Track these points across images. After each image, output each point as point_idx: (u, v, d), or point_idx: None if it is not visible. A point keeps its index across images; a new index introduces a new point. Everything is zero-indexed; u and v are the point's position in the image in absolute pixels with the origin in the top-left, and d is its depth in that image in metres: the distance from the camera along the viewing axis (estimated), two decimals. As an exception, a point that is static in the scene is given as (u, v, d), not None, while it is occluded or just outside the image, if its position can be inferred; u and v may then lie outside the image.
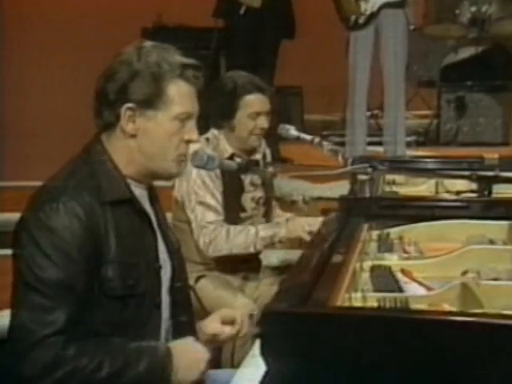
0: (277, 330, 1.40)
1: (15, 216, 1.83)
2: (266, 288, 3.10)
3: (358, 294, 1.75)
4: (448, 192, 2.93)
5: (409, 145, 5.35)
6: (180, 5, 6.10)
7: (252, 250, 2.98)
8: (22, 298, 1.71)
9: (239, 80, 3.06)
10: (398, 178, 3.37)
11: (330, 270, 1.78)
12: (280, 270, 3.36)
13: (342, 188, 4.38)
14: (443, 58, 6.16)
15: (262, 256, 3.23)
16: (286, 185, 4.17)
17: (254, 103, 3.03)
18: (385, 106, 5.03)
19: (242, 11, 5.14)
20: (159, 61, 1.82)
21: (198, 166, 2.36)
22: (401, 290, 1.81)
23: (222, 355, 2.76)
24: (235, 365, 2.40)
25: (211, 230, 2.94)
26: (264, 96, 3.07)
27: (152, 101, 1.81)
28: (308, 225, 2.88)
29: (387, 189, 3.15)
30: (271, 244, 2.98)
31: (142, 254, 1.86)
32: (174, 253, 2.02)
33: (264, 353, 1.41)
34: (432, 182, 3.18)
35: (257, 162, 2.29)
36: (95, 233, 1.75)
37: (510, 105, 5.54)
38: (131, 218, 1.85)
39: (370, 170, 2.34)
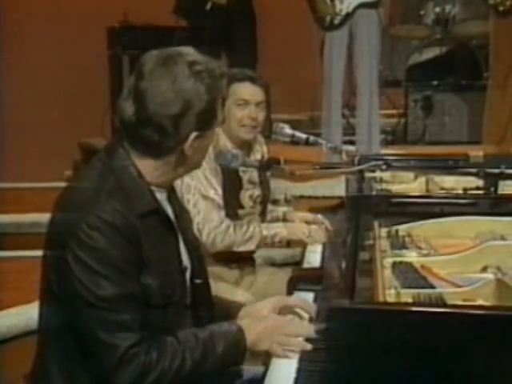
0: (343, 326, 1.40)
1: (14, 217, 1.79)
2: (261, 283, 3.09)
3: (391, 291, 1.75)
4: (443, 189, 2.97)
5: (378, 144, 5.40)
6: (146, 4, 6.03)
7: (253, 247, 2.97)
8: (88, 315, 1.69)
9: (231, 70, 3.02)
10: (385, 175, 3.39)
11: (362, 268, 1.79)
12: (276, 266, 3.36)
13: (323, 186, 4.43)
14: (408, 58, 6.25)
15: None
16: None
17: (242, 90, 2.98)
18: (358, 105, 5.05)
19: (208, 7, 5.12)
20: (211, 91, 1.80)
21: (222, 165, 2.33)
22: (432, 287, 1.82)
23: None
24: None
25: (216, 225, 2.90)
26: (254, 85, 3.00)
27: (210, 123, 1.83)
28: (308, 229, 2.89)
29: (378, 186, 3.17)
30: (271, 243, 2.97)
31: (171, 260, 1.86)
32: (193, 251, 2.00)
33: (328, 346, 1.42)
34: (422, 179, 3.21)
35: (278, 161, 2.28)
36: (133, 241, 1.73)
37: (475, 104, 5.64)
38: (158, 226, 1.83)
39: (384, 167, 2.35)
